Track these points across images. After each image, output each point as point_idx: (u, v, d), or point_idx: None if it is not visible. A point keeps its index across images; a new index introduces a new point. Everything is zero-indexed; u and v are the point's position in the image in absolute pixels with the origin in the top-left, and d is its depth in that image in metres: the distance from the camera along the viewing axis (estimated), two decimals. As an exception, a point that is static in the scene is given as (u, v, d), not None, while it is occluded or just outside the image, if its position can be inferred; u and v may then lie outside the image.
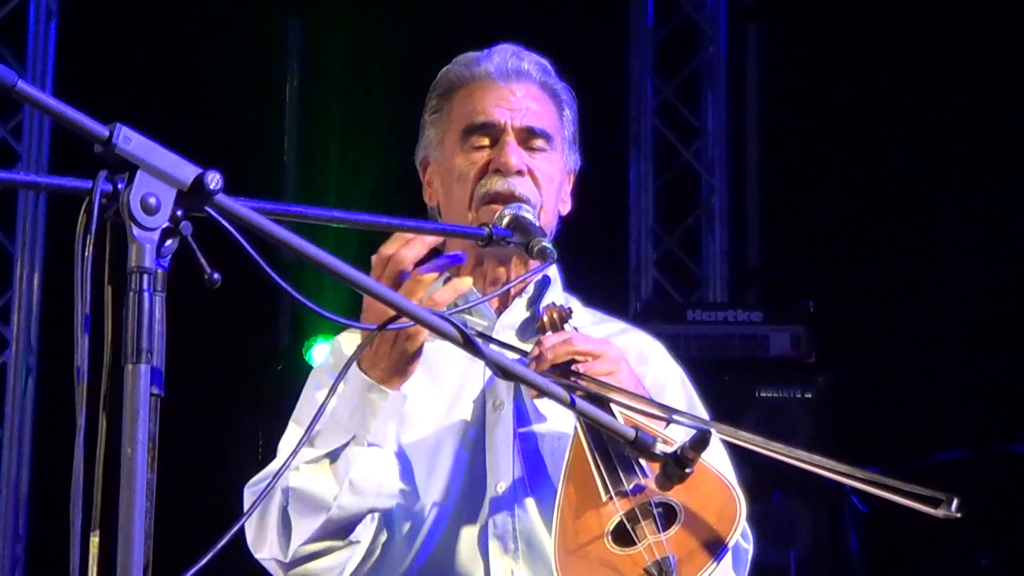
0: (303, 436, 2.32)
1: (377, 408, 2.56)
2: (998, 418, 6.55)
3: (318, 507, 2.57)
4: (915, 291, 6.99)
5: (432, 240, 2.54)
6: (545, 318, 2.72)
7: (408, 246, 2.49)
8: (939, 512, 2.25)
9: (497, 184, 2.75)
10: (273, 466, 2.69)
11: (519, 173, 2.76)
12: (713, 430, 2.32)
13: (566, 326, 2.71)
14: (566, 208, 2.91)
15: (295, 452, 2.26)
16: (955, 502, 2.24)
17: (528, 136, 2.80)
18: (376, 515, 2.63)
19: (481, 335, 2.72)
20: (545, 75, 2.88)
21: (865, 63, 7.03)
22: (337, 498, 2.56)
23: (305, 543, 2.60)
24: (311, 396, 2.81)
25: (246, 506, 2.69)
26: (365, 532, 2.63)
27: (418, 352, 2.55)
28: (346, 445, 2.57)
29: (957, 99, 6.92)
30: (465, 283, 2.58)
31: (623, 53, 7.13)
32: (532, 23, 6.43)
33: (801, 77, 7.12)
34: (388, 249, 2.50)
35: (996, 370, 6.70)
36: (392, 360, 2.55)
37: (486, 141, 2.80)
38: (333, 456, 2.57)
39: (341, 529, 2.60)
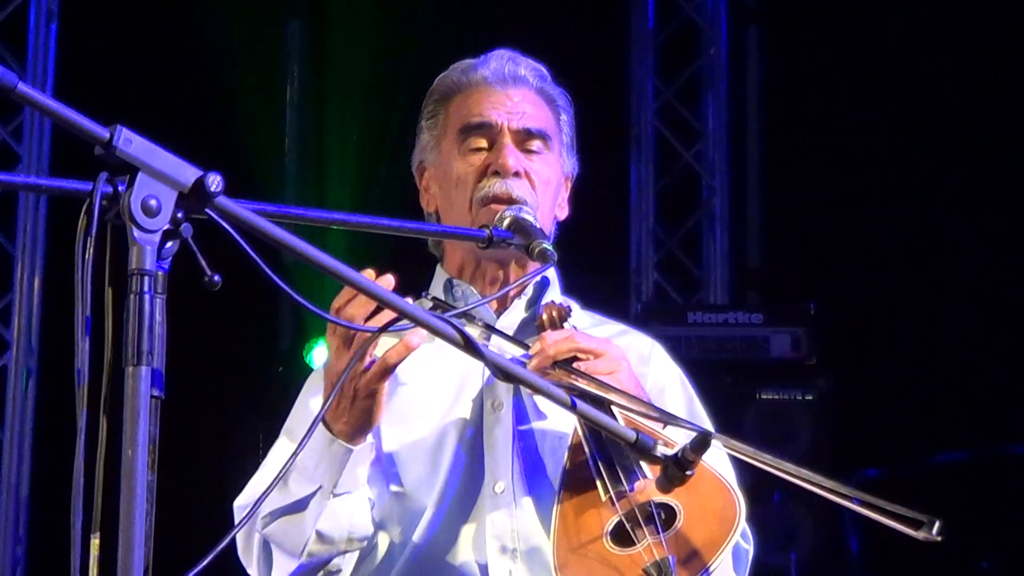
0: (282, 469, 2.29)
1: (342, 463, 2.56)
2: (998, 420, 6.55)
3: (291, 553, 2.61)
4: (915, 293, 6.98)
5: (372, 303, 2.45)
6: (544, 316, 2.73)
7: (354, 304, 2.46)
8: (919, 534, 2.25)
9: (495, 186, 2.76)
10: (256, 480, 2.71)
11: (516, 175, 2.76)
12: (711, 429, 2.32)
13: (565, 324, 2.71)
14: (563, 213, 2.91)
15: (269, 489, 2.21)
16: (936, 525, 2.24)
17: (525, 137, 2.81)
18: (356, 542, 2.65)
19: (487, 326, 2.74)
20: (541, 80, 2.88)
21: (866, 65, 7.03)
22: (305, 548, 2.59)
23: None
24: (305, 403, 2.82)
25: (238, 539, 2.71)
26: (345, 563, 2.65)
27: (381, 409, 2.55)
28: (313, 494, 2.58)
29: (958, 101, 6.92)
30: (417, 338, 2.49)
31: (623, 55, 7.13)
32: (532, 25, 6.43)
33: (802, 79, 7.12)
34: (337, 303, 2.48)
35: (996, 372, 6.70)
36: (353, 416, 2.55)
37: (483, 143, 2.81)
38: (301, 505, 2.59)
39: (318, 566, 2.63)
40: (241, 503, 2.72)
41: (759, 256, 7.20)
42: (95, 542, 1.75)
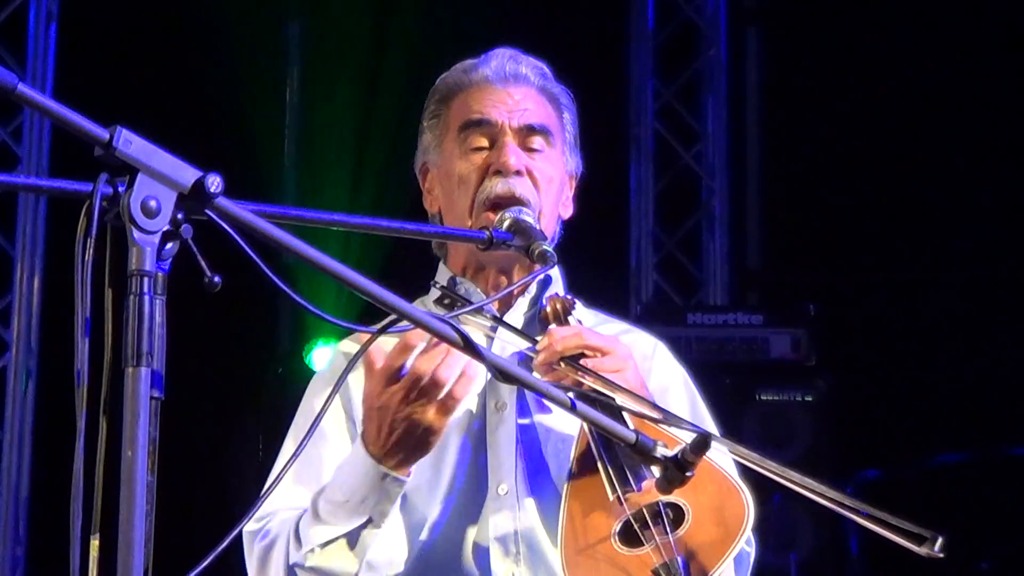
0: (282, 471, 2.26)
1: (395, 495, 2.54)
2: (998, 421, 6.55)
3: None
4: (915, 294, 6.99)
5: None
6: (548, 308, 2.72)
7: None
8: (922, 550, 2.25)
9: (497, 186, 2.75)
10: (267, 506, 2.68)
11: (518, 173, 2.75)
12: (714, 429, 2.32)
13: (570, 317, 2.71)
14: (567, 212, 2.90)
15: (270, 490, 2.20)
16: (939, 541, 2.24)
17: (527, 135, 2.80)
18: None
19: (495, 318, 2.73)
20: (543, 79, 2.87)
21: (865, 65, 7.03)
22: None
23: None
24: (310, 406, 2.81)
25: (246, 552, 2.69)
26: None
27: (438, 439, 2.52)
28: (363, 526, 2.55)
29: (958, 101, 6.92)
30: (473, 369, 2.48)
31: (623, 56, 7.13)
32: (532, 25, 6.43)
33: (801, 80, 7.12)
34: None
35: (996, 373, 6.70)
36: (413, 451, 2.52)
37: (484, 142, 2.80)
38: (350, 538, 2.56)
39: None
40: (250, 528, 2.71)
41: (759, 257, 7.20)
42: (95, 543, 1.75)
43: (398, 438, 2.50)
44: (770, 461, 2.32)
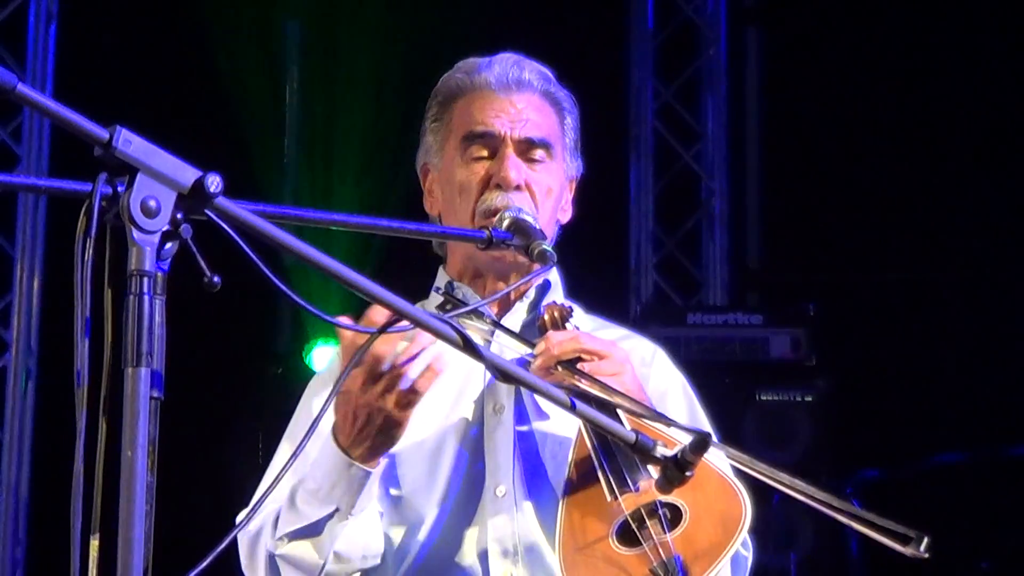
0: (280, 473, 2.26)
1: (361, 485, 2.55)
2: (998, 421, 6.55)
3: (309, 571, 2.59)
4: (915, 294, 6.99)
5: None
6: (546, 316, 2.73)
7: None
8: (907, 550, 2.25)
9: (497, 200, 2.75)
10: (260, 492, 2.69)
11: (518, 188, 2.76)
12: (711, 430, 2.32)
13: (567, 324, 2.71)
14: (566, 217, 2.91)
15: (269, 491, 2.21)
16: (924, 542, 2.24)
17: (527, 147, 2.80)
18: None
19: (494, 322, 2.74)
20: (546, 84, 2.87)
21: (865, 65, 7.03)
22: (323, 569, 2.58)
23: None
24: (307, 408, 2.82)
25: (239, 546, 2.70)
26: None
27: (402, 432, 2.53)
28: (330, 516, 2.56)
29: (957, 101, 6.92)
30: (440, 364, 2.49)
31: (623, 56, 7.13)
32: (532, 25, 6.43)
33: (801, 79, 7.12)
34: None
35: (996, 373, 6.70)
36: (377, 442, 2.53)
37: (485, 152, 2.80)
38: (316, 528, 2.57)
39: None
40: (243, 518, 2.71)
41: (759, 257, 7.20)
42: (95, 543, 1.74)
43: (360, 427, 2.51)
44: (760, 463, 2.33)
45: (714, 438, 2.33)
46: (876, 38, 7.07)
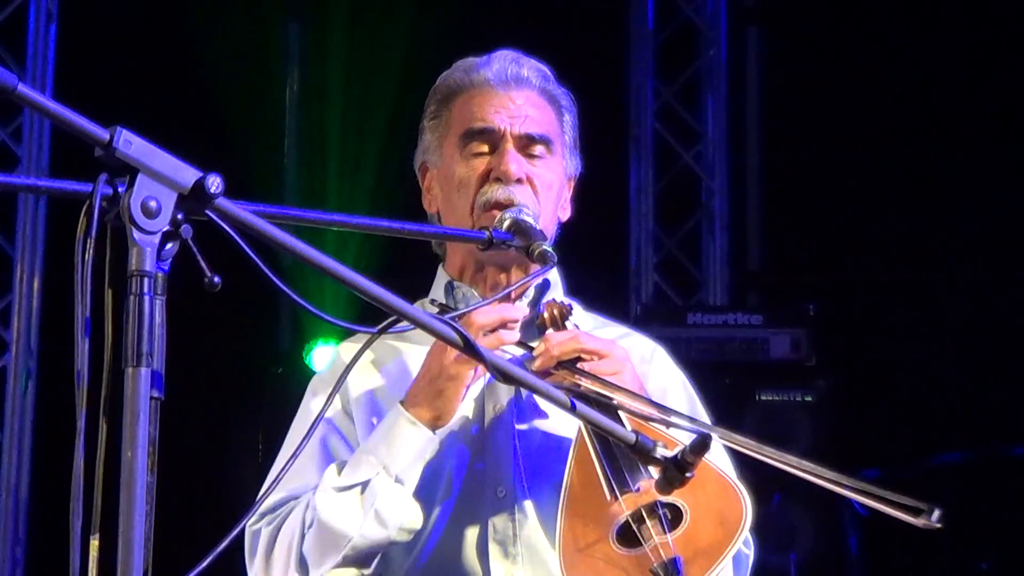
0: (282, 470, 2.28)
1: (409, 443, 2.58)
2: (997, 421, 6.55)
3: (341, 538, 2.59)
4: (915, 294, 6.99)
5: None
6: (546, 314, 2.72)
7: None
8: (919, 522, 2.26)
9: (497, 193, 2.75)
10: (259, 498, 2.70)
11: (518, 181, 2.76)
12: (713, 434, 2.32)
13: (567, 323, 2.71)
14: (566, 214, 2.90)
15: (271, 489, 2.23)
16: (936, 513, 2.25)
17: (527, 143, 2.80)
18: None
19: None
20: (545, 81, 2.87)
21: (865, 65, 7.03)
22: (362, 526, 2.58)
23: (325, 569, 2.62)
24: (308, 408, 2.82)
25: (248, 548, 2.71)
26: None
27: (459, 396, 2.58)
28: (378, 476, 2.58)
29: (957, 101, 6.92)
30: (511, 335, 2.63)
31: (623, 56, 7.13)
32: (532, 26, 6.44)
33: (801, 80, 7.12)
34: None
35: (996, 373, 6.70)
36: (429, 397, 2.58)
37: (485, 148, 2.80)
38: (363, 487, 2.59)
39: (361, 559, 2.63)
40: (252, 526, 2.71)
41: (758, 257, 7.20)
42: (95, 543, 1.75)
43: (422, 378, 2.59)
44: (767, 447, 2.33)
45: (717, 428, 2.33)
46: (876, 38, 7.07)
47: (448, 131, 2.85)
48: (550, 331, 2.68)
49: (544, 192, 2.78)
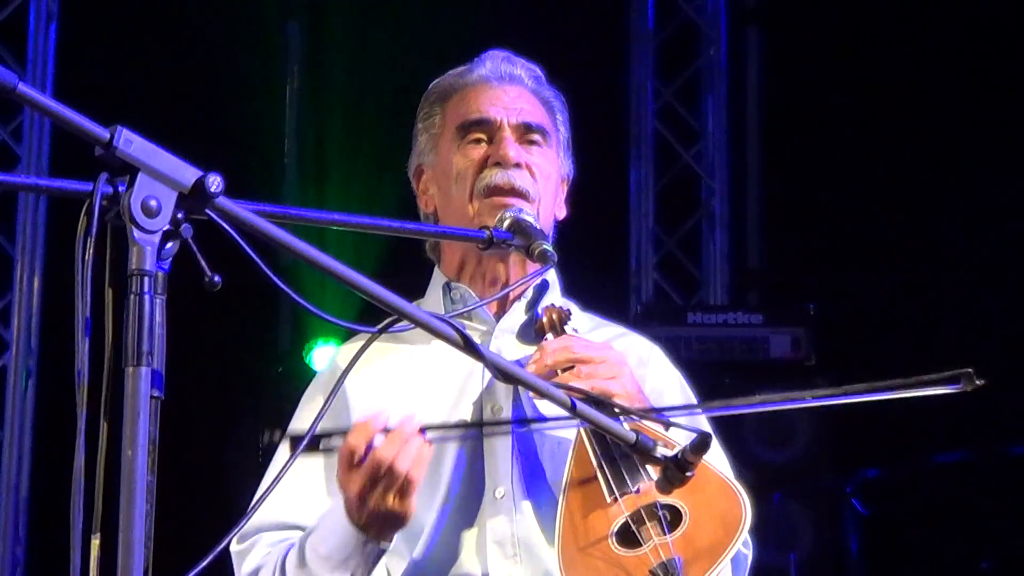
0: (264, 494, 2.25)
1: (377, 559, 2.56)
2: (998, 420, 6.54)
3: None
4: (915, 293, 6.98)
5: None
6: (544, 319, 2.72)
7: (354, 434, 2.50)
8: (963, 387, 2.25)
9: (496, 176, 2.76)
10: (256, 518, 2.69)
11: (517, 166, 2.76)
12: (711, 430, 2.32)
13: (566, 327, 2.71)
14: (562, 213, 2.91)
15: (256, 505, 2.19)
16: (972, 376, 2.24)
17: (525, 131, 2.81)
18: None
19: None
20: (536, 82, 2.89)
21: (865, 65, 7.03)
22: None
23: None
24: (306, 410, 2.82)
25: (236, 570, 2.71)
26: None
27: (411, 511, 2.53)
28: None
29: (958, 101, 6.92)
30: (429, 450, 2.54)
31: (623, 56, 7.13)
32: (532, 26, 6.44)
33: (801, 80, 7.12)
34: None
35: (996, 372, 6.68)
36: (382, 526, 2.53)
37: (482, 137, 2.81)
38: None
39: None
40: (236, 548, 2.71)
41: (759, 256, 7.20)
42: (95, 542, 1.75)
43: (367, 520, 2.52)
44: (773, 393, 2.34)
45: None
46: (876, 38, 7.07)
47: (444, 128, 2.86)
48: (548, 338, 2.67)
49: (543, 180, 2.79)
